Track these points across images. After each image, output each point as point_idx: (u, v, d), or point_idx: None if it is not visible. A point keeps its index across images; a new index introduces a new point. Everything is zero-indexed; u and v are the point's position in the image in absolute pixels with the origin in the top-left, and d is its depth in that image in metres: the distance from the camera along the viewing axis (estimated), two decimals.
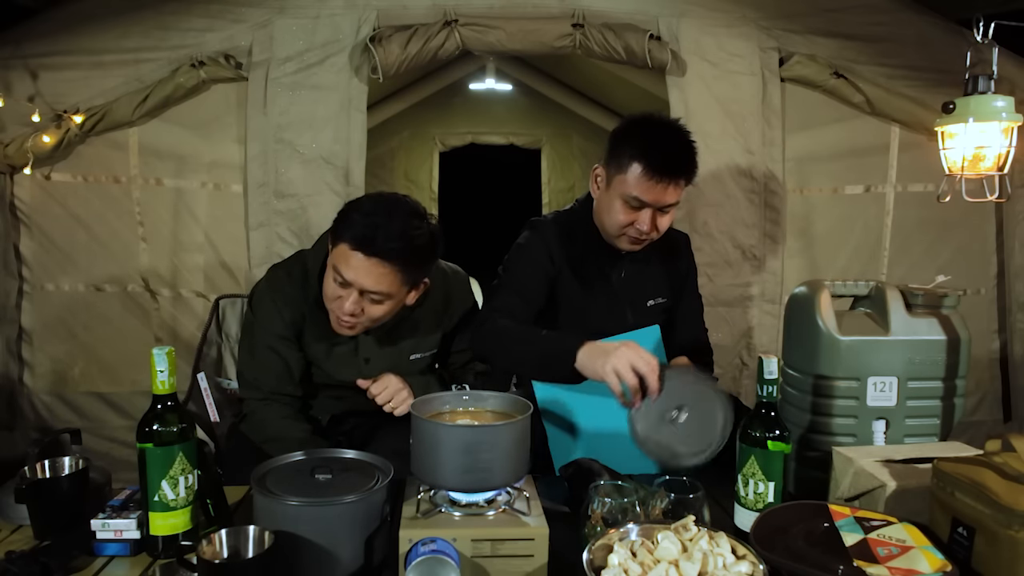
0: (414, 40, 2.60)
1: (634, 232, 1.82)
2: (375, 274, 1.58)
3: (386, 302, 1.64)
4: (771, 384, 1.32)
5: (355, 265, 1.58)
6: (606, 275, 1.93)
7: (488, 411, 1.42)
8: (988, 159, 1.70)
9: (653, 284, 1.99)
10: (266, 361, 1.78)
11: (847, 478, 1.37)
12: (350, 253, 1.58)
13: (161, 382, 1.24)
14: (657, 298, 1.98)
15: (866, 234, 2.86)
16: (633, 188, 1.76)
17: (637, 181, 1.75)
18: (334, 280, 1.62)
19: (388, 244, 1.57)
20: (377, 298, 1.62)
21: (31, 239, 2.72)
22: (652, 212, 1.79)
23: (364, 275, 1.58)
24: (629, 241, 1.85)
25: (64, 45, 2.56)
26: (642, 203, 1.78)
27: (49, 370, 2.77)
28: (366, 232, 1.57)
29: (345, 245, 1.58)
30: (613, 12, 2.69)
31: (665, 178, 1.74)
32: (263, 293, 1.80)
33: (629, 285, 1.95)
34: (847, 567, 1.04)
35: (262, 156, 2.67)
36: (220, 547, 1.13)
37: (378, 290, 1.60)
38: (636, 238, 1.83)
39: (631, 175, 1.76)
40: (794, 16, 2.72)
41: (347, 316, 1.64)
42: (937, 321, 1.57)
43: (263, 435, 1.76)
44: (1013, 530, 1.03)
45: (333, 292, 1.64)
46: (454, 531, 1.19)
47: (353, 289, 1.61)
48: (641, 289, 1.96)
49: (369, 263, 1.57)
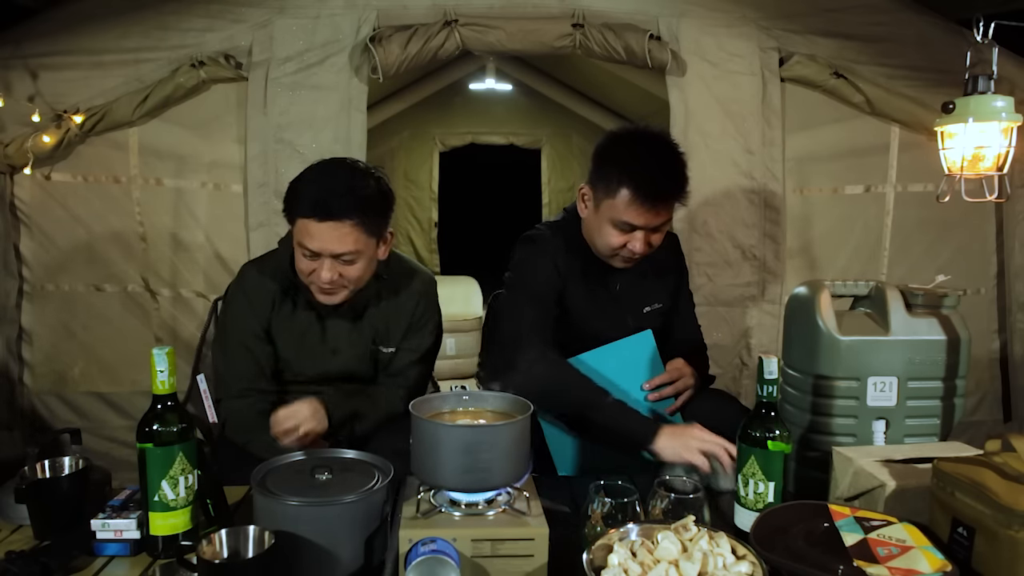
0: (414, 40, 2.60)
1: (627, 253, 1.76)
2: (337, 236, 1.61)
3: (358, 260, 1.66)
4: (771, 384, 1.32)
5: (316, 233, 1.61)
6: (604, 284, 1.90)
7: (488, 411, 1.42)
8: (988, 159, 1.70)
9: (650, 291, 1.96)
10: (239, 358, 1.78)
11: (847, 478, 1.37)
12: (308, 223, 1.61)
13: (161, 382, 1.24)
14: (654, 304, 1.96)
15: (866, 234, 2.86)
16: (623, 214, 1.69)
17: (627, 207, 1.68)
18: (303, 256, 1.66)
19: (340, 203, 1.60)
20: (348, 258, 1.64)
21: (31, 239, 2.72)
22: (644, 233, 1.73)
23: (328, 240, 1.61)
24: (622, 261, 1.80)
25: (64, 45, 2.56)
26: (633, 227, 1.71)
27: (49, 370, 2.78)
28: (316, 198, 1.60)
29: (301, 219, 1.62)
30: (613, 12, 2.69)
31: (657, 203, 1.68)
32: (234, 290, 1.83)
33: (627, 293, 1.92)
34: (847, 567, 1.04)
35: (262, 156, 2.67)
36: (220, 547, 1.13)
37: (345, 250, 1.62)
38: (629, 258, 1.78)
39: (620, 200, 1.68)
40: (794, 16, 2.72)
41: (327, 284, 1.66)
42: (937, 321, 1.56)
43: (245, 435, 1.74)
44: (1013, 530, 1.03)
45: (307, 267, 1.67)
46: (454, 531, 1.18)
47: (323, 258, 1.64)
48: (639, 296, 1.94)
49: (328, 227, 1.60)
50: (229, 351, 1.80)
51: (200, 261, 2.79)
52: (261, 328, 1.79)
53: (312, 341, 1.81)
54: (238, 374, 1.79)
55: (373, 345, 1.85)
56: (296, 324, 1.80)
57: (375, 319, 1.84)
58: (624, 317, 1.91)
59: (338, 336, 1.82)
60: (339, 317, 1.80)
